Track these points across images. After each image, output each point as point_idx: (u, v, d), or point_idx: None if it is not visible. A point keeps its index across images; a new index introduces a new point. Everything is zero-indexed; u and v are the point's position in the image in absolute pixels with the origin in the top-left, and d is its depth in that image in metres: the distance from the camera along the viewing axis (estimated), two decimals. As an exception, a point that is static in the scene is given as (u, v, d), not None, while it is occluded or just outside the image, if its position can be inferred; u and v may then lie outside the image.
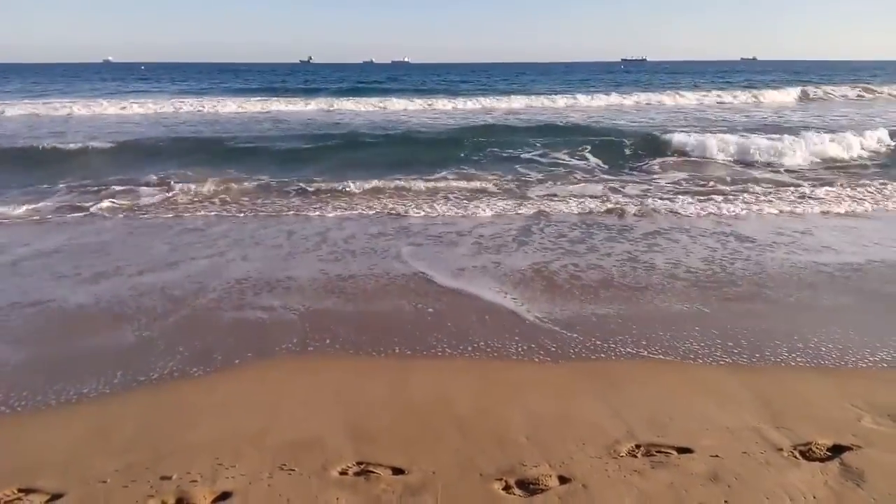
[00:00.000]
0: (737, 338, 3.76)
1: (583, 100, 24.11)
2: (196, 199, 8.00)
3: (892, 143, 11.78)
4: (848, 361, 3.45)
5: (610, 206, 7.49)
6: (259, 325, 4.07)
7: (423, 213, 7.24)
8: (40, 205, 7.63)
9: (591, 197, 8.00)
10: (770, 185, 8.74)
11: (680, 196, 7.98)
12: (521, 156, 11.27)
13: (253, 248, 5.82)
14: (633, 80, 41.67)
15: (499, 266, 5.19)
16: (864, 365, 3.41)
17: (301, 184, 8.76)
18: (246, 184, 8.77)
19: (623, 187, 8.75)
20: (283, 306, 4.34)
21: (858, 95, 27.08)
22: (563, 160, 10.90)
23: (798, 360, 3.49)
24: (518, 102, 23.29)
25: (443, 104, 22.27)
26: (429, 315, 4.18)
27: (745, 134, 12.41)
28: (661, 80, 40.72)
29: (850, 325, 3.92)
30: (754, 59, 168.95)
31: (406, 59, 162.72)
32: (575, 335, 3.82)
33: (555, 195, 8.15)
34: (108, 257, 5.54)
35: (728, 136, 11.77)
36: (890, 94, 26.92)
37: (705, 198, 7.82)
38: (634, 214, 7.10)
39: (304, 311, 4.27)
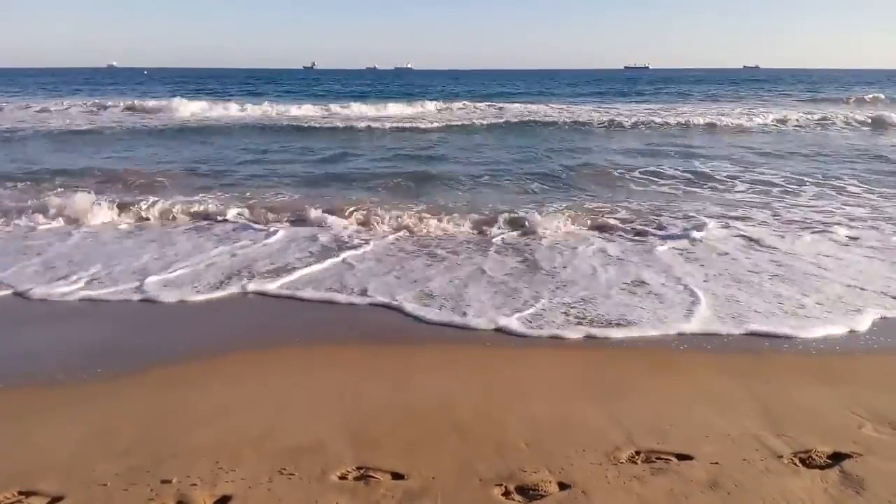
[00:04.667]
0: (737, 343, 3.76)
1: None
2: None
3: None
4: (850, 368, 3.45)
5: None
6: (260, 322, 4.08)
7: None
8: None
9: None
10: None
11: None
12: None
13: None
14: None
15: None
16: (866, 371, 3.41)
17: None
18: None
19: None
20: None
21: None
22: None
23: (799, 366, 3.48)
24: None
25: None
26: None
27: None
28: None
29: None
30: (757, 67, 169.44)
31: (409, 66, 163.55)
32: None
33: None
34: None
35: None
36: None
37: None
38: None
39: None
